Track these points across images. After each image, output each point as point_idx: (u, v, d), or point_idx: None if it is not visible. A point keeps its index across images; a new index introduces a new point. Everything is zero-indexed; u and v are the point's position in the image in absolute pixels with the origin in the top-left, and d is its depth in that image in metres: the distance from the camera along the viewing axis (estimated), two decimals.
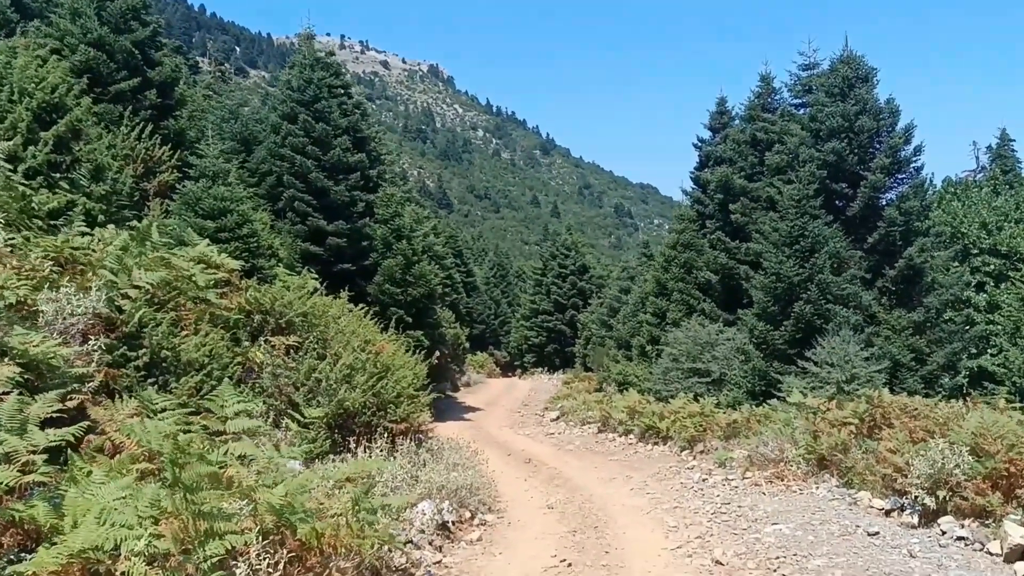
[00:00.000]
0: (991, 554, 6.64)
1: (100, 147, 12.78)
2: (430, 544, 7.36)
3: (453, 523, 8.34)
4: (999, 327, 22.36)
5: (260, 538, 4.57)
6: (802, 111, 23.58)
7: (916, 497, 7.83)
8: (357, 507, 5.07)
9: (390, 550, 5.74)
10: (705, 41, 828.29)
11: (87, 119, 12.30)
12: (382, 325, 16.50)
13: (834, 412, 10.78)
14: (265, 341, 10.25)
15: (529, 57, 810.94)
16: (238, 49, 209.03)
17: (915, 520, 7.85)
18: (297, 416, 9.56)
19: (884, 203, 20.95)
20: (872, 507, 8.62)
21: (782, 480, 10.47)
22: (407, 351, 19.15)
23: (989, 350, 22.57)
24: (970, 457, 7.55)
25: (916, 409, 9.85)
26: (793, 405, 12.78)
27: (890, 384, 16.00)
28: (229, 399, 6.13)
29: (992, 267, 25.68)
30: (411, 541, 7.02)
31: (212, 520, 4.24)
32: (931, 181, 23.22)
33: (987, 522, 7.17)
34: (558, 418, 22.16)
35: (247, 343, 10.36)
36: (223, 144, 21.76)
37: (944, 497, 7.55)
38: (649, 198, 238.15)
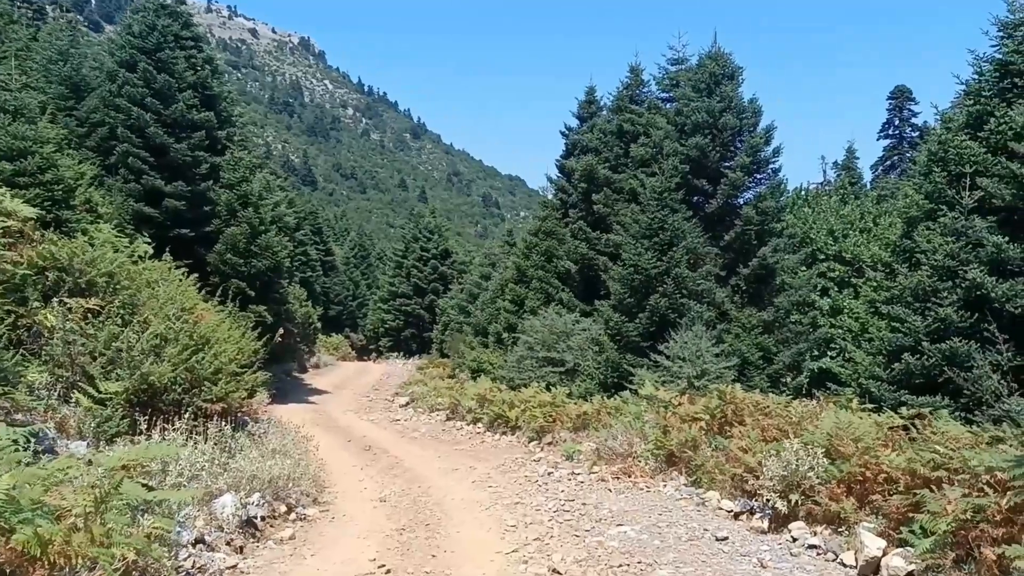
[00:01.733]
0: (845, 565, 6.20)
1: None
2: (228, 544, 6.31)
3: (263, 518, 7.30)
4: (840, 331, 23.01)
5: None
6: (669, 105, 23.47)
7: (767, 500, 7.39)
8: (102, 506, 4.01)
9: (158, 558, 4.68)
10: (579, 36, 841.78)
11: None
12: (219, 298, 15.16)
13: (685, 407, 10.37)
14: (60, 303, 8.85)
15: (404, 38, 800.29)
16: (93, 1, 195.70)
17: (765, 525, 7.40)
18: (90, 390, 8.29)
19: (742, 202, 21.07)
20: (721, 508, 8.16)
21: (630, 476, 9.96)
22: (253, 327, 17.91)
23: (829, 352, 23.22)
24: (825, 460, 7.16)
25: (768, 407, 9.52)
26: (644, 398, 12.38)
27: (738, 381, 15.95)
28: None
29: (836, 273, 26.51)
30: (202, 541, 5.96)
31: None
32: (785, 185, 23.65)
33: (840, 529, 6.77)
34: (407, 404, 21.26)
35: (37, 304, 8.93)
36: (50, 88, 19.65)
37: (796, 501, 7.12)
38: (517, 190, 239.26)
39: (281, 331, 20.64)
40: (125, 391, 8.44)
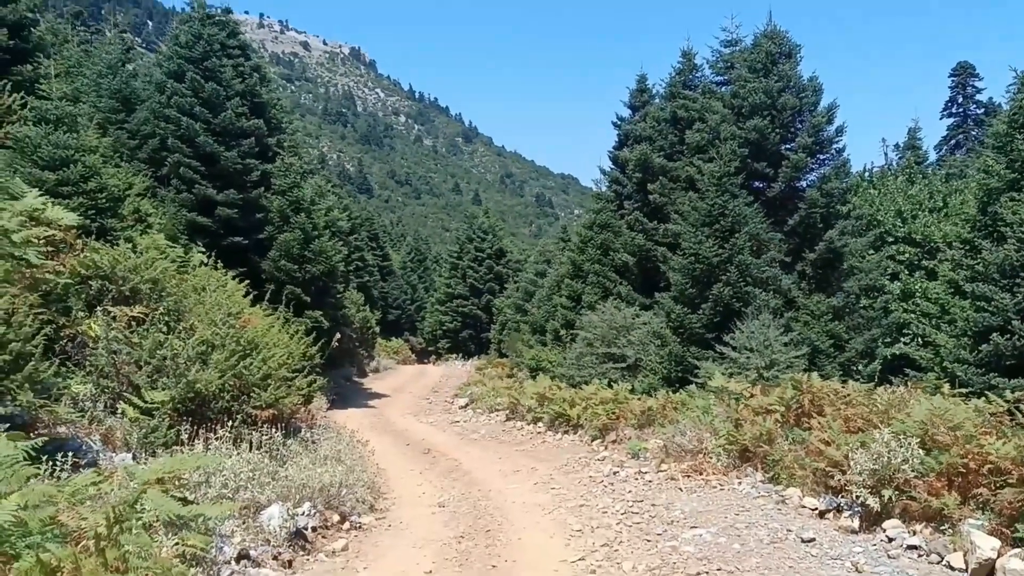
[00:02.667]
0: (952, 568, 5.55)
1: None
2: (275, 559, 5.93)
3: (314, 529, 6.92)
4: (914, 315, 21.97)
5: None
6: (724, 88, 22.68)
7: (856, 497, 6.74)
8: (117, 526, 3.63)
9: None
10: (629, 33, 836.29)
11: None
12: (270, 303, 14.97)
13: (758, 399, 9.72)
14: (104, 311, 8.62)
15: (453, 43, 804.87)
16: (150, 23, 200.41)
17: (855, 524, 6.75)
18: (135, 400, 8.02)
19: (805, 184, 20.25)
20: (804, 507, 7.53)
21: (701, 474, 9.37)
22: (308, 332, 17.72)
23: (902, 338, 22.20)
24: (920, 451, 6.49)
25: (849, 396, 8.84)
26: (712, 391, 11.76)
27: (808, 371, 15.24)
28: None
29: (906, 255, 25.41)
30: (247, 556, 5.58)
31: None
32: (850, 166, 22.63)
33: (942, 527, 6.11)
34: (466, 405, 20.86)
35: (82, 313, 8.72)
36: (101, 101, 19.72)
37: (890, 497, 6.47)
38: (570, 188, 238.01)
39: (338, 336, 20.40)
40: (171, 400, 8.16)
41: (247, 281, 14.63)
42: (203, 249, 17.08)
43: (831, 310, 18.42)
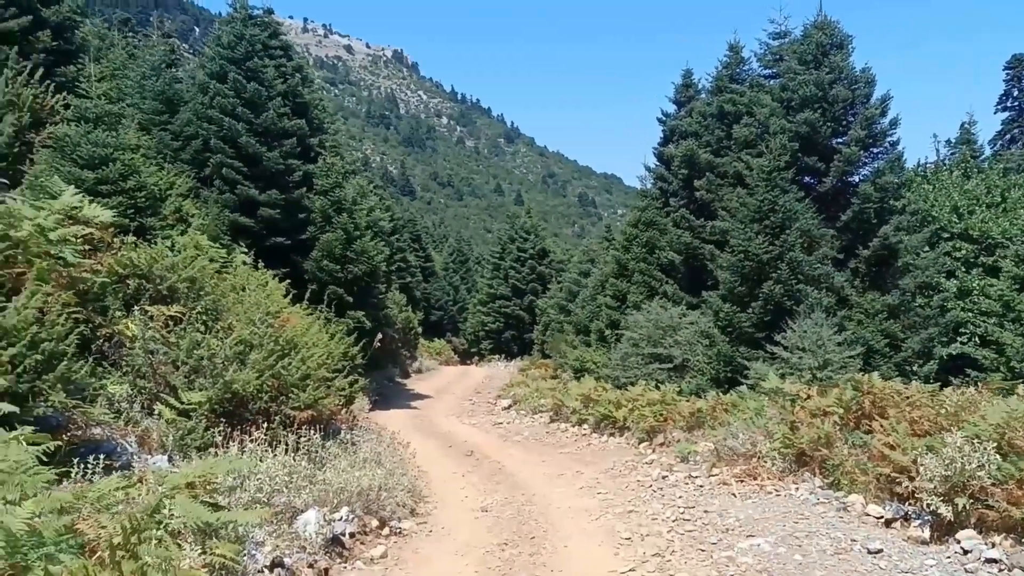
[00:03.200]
0: None
1: None
2: (310, 567, 5.67)
3: (352, 535, 6.66)
4: (971, 314, 21.21)
5: None
6: (773, 82, 22.11)
7: (927, 505, 6.31)
8: (134, 536, 3.38)
9: None
10: (673, 31, 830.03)
11: None
12: (309, 302, 14.82)
13: (815, 400, 9.27)
14: (141, 311, 8.47)
15: (495, 45, 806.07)
16: (197, 30, 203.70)
17: (925, 534, 6.32)
18: (172, 401, 7.86)
19: (858, 179, 19.64)
20: (868, 515, 7.08)
21: (755, 478, 8.95)
22: (350, 333, 17.58)
23: (959, 338, 21.44)
24: (997, 456, 6.04)
25: (913, 397, 8.36)
26: (765, 393, 11.33)
27: (863, 371, 14.72)
28: None
29: (963, 252, 24.58)
30: (280, 565, 5.34)
31: None
32: (904, 160, 21.88)
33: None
34: (509, 407, 20.58)
35: (119, 313, 8.59)
36: (145, 103, 19.81)
37: (964, 506, 6.03)
38: (613, 188, 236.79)
39: (380, 336, 20.23)
40: (208, 401, 7.98)
41: (288, 281, 14.56)
42: (246, 250, 17.05)
43: (886, 308, 17.80)
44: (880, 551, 6.01)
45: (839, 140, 19.42)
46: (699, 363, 17.62)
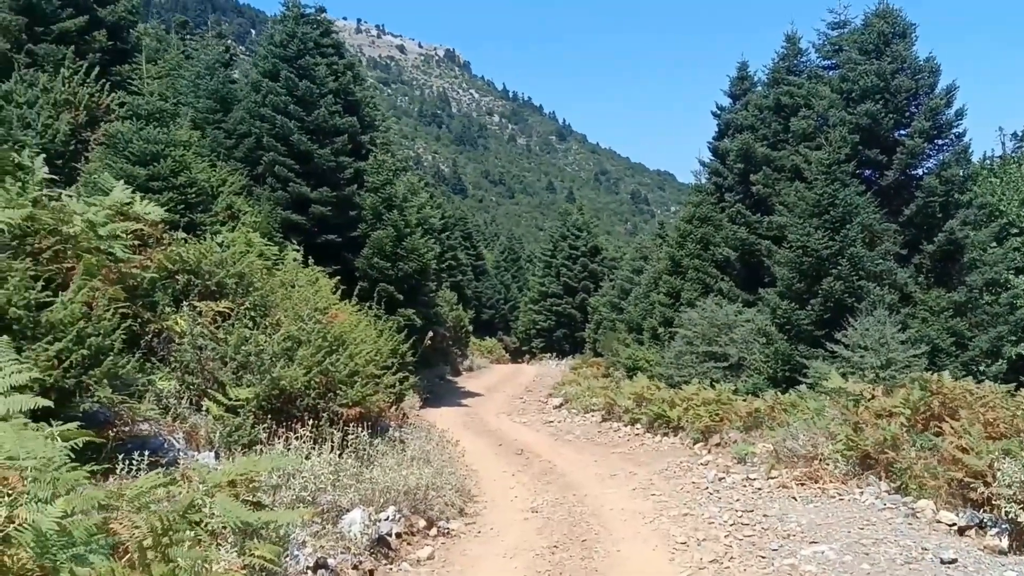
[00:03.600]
0: None
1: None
2: (355, 568, 5.53)
3: (399, 535, 6.51)
4: None
5: None
6: (832, 73, 21.47)
7: (1006, 512, 5.93)
8: (164, 537, 3.24)
9: None
10: (728, 26, 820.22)
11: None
12: (358, 298, 14.78)
13: (880, 400, 8.87)
14: (190, 306, 8.44)
15: (546, 42, 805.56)
16: (253, 32, 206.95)
17: (1004, 543, 5.94)
18: (219, 397, 7.80)
19: (922, 172, 18.97)
20: (939, 522, 6.70)
21: (816, 481, 8.59)
22: (399, 330, 17.51)
23: None
24: None
25: (987, 397, 7.92)
26: (826, 392, 10.92)
27: (928, 371, 14.18)
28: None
29: None
30: (324, 566, 5.19)
31: None
32: (971, 152, 21.04)
33: None
34: (561, 405, 20.34)
35: (169, 308, 8.57)
36: (199, 102, 20.02)
37: None
38: (666, 185, 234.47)
39: (431, 334, 20.18)
40: (256, 397, 7.90)
41: (338, 278, 14.54)
42: (297, 247, 17.11)
43: (952, 306, 17.13)
44: (954, 561, 5.65)
45: (902, 132, 18.79)
46: (755, 362, 17.18)
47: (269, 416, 8.13)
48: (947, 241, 17.61)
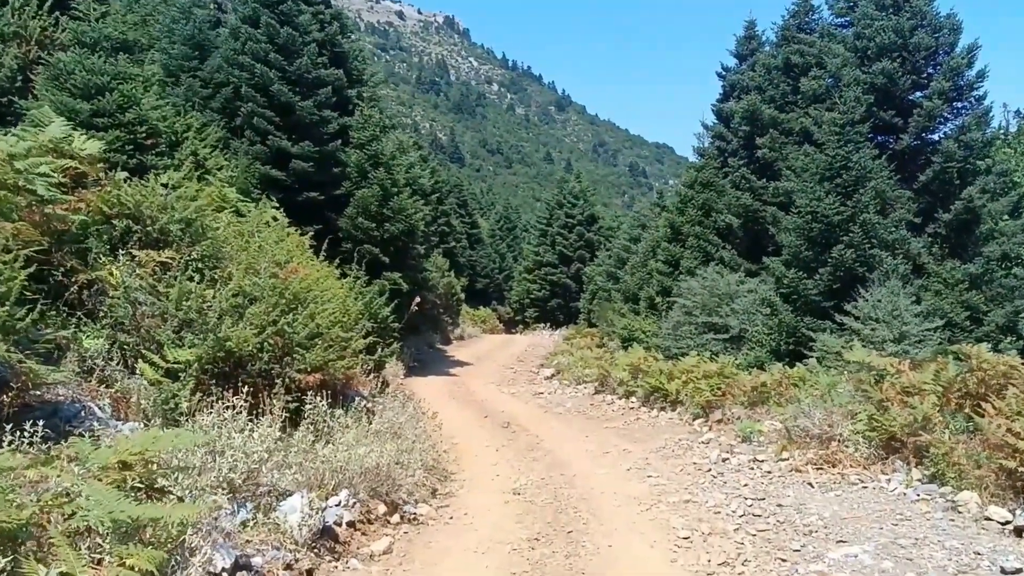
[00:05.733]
0: None
1: None
2: (289, 568, 4.51)
3: (351, 524, 5.51)
4: None
5: None
6: (846, 31, 20.27)
7: None
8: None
9: None
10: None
11: None
12: (331, 257, 13.76)
13: (907, 375, 7.87)
14: (128, 255, 7.39)
15: (547, 10, 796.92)
16: None
17: None
18: (154, 358, 6.78)
19: (939, 136, 17.90)
20: (990, 519, 5.71)
21: (834, 466, 7.62)
22: (381, 294, 16.48)
23: None
24: None
25: None
26: (845, 365, 9.96)
27: (944, 344, 13.23)
28: None
29: None
30: (247, 567, 4.19)
31: None
32: (992, 116, 19.86)
33: None
34: (552, 376, 19.39)
35: (106, 258, 7.51)
36: (174, 48, 18.81)
37: None
38: (665, 158, 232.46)
39: (417, 300, 19.09)
40: (198, 359, 6.87)
41: (323, 239, 13.58)
42: (277, 204, 16.03)
43: (967, 278, 16.14)
44: (1019, 571, 4.67)
45: (919, 94, 17.70)
46: (758, 334, 16.19)
47: (215, 382, 7.12)
48: (964, 210, 16.62)
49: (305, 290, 8.06)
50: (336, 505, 5.45)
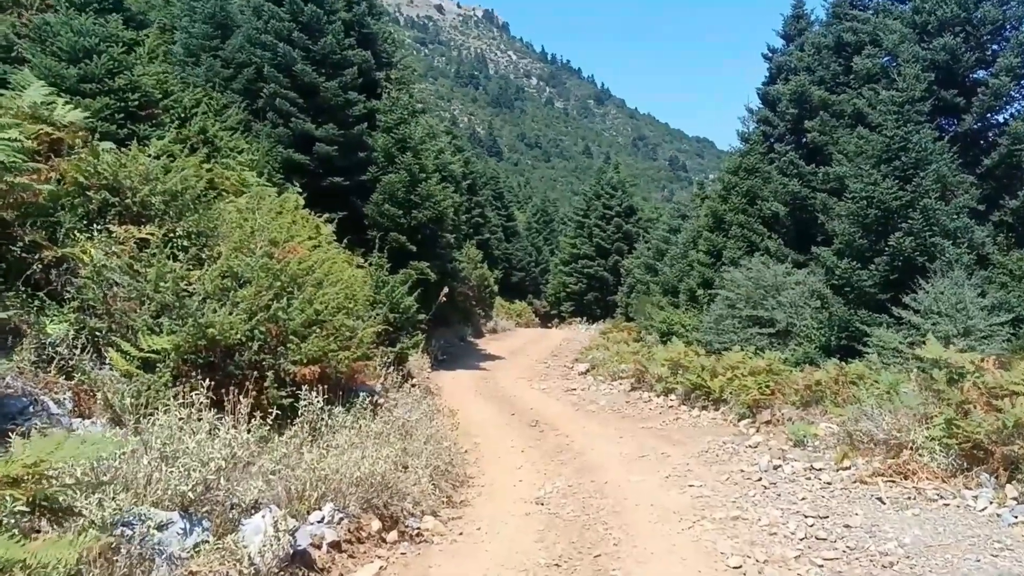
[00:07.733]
0: None
1: None
2: None
3: (336, 545, 4.63)
4: None
5: None
6: (903, 7, 18.98)
7: None
8: None
9: None
10: None
11: None
12: (368, 251, 12.97)
13: (993, 374, 6.81)
14: (104, 231, 6.59)
15: (587, 3, 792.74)
16: None
17: None
18: (126, 346, 5.96)
19: (1005, 118, 16.63)
20: None
21: (906, 477, 6.58)
22: (404, 282, 15.64)
23: None
24: None
25: None
26: (900, 361, 8.90)
27: (1008, 341, 12.09)
28: None
29: None
30: None
31: None
32: None
33: None
34: (586, 372, 18.39)
35: (82, 234, 6.72)
36: (194, 27, 18.13)
37: None
38: (705, 152, 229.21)
39: (446, 290, 18.21)
40: (176, 348, 6.05)
41: (332, 222, 12.82)
42: (299, 189, 15.27)
43: None
44: None
45: (984, 72, 16.43)
46: (806, 328, 15.09)
47: (197, 373, 6.29)
48: None
49: (304, 272, 7.19)
50: (318, 522, 4.57)
